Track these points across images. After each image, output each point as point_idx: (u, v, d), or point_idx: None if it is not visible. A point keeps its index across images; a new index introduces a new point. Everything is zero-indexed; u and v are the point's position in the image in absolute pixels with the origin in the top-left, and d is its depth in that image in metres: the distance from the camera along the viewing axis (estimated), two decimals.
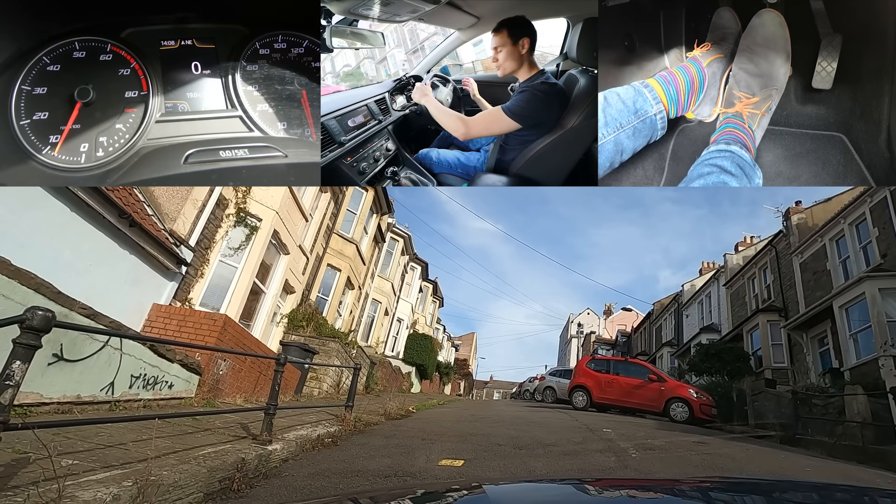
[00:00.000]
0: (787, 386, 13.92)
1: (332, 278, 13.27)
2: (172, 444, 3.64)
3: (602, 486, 1.27)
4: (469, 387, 42.08)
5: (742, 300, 20.64)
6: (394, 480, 3.89)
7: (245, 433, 4.49)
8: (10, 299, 3.45)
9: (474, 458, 4.76)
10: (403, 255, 22.44)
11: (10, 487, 2.16)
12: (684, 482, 1.40)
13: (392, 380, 18.32)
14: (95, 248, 5.40)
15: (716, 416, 12.08)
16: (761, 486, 1.33)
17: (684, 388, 12.40)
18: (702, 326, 23.47)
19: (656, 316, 32.22)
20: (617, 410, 12.45)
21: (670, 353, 26.22)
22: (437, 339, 30.39)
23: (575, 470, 4.41)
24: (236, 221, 7.93)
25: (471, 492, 1.21)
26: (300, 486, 3.60)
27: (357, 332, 16.23)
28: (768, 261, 18.80)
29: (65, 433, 3.26)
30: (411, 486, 1.88)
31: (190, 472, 3.01)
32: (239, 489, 3.34)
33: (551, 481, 1.49)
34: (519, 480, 1.52)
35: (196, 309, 6.93)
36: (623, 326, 43.08)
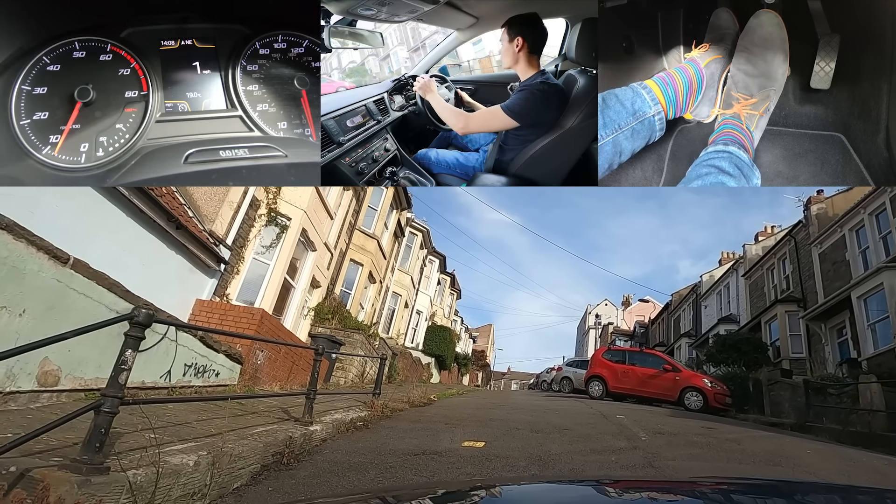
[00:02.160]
0: (804, 376, 14.00)
1: (354, 273, 13.78)
2: (229, 423, 4.11)
3: (621, 488, 1.26)
4: (487, 378, 42.54)
5: (761, 291, 20.59)
6: (422, 458, 4.30)
7: (287, 416, 4.97)
8: (88, 297, 3.94)
9: (494, 441, 5.15)
10: (422, 249, 22.89)
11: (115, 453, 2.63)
12: (703, 483, 1.38)
13: (413, 370, 18.86)
14: (146, 248, 5.92)
15: (730, 405, 12.27)
16: (780, 487, 1.32)
17: (699, 377, 12.63)
18: (720, 317, 23.46)
19: (674, 307, 32.15)
20: (633, 400, 12.72)
21: (688, 344, 26.25)
22: (454, 330, 30.87)
23: (587, 451, 4.77)
24: (268, 221, 8.43)
25: (487, 492, 1.22)
26: (340, 462, 4.04)
27: (379, 324, 16.78)
28: (787, 251, 18.73)
29: (139, 412, 3.77)
30: (429, 485, 1.95)
31: (249, 446, 3.46)
32: (288, 463, 3.79)
33: (570, 482, 1.47)
34: (536, 481, 1.53)
35: (234, 303, 7.46)
36: (641, 317, 42.95)
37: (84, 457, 2.16)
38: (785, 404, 12.10)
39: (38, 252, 3.43)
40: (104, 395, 2.26)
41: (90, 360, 4.04)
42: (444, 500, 1.17)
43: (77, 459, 2.17)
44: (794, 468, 4.48)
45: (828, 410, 9.87)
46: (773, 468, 4.44)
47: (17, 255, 3.28)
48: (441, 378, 25.55)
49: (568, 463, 4.20)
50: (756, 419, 10.84)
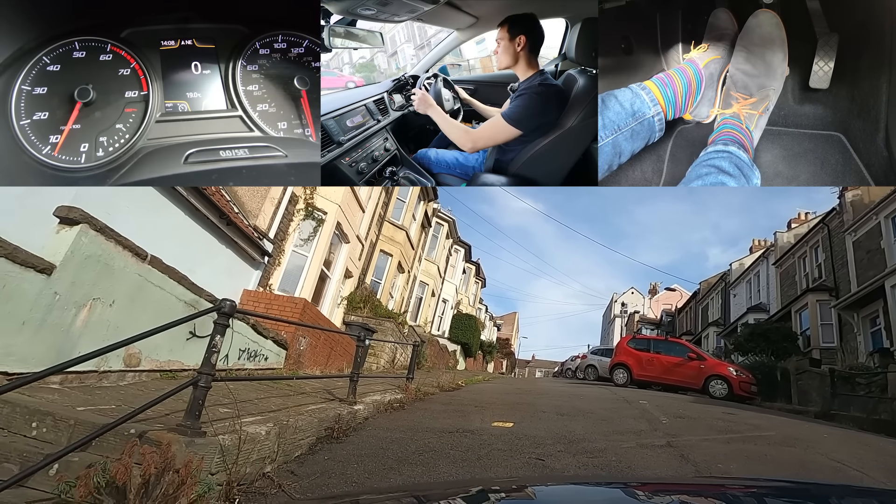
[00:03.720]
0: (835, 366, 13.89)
1: (384, 263, 14.30)
2: (284, 402, 4.61)
3: (650, 491, 1.26)
4: (511, 365, 42.93)
5: (792, 279, 20.27)
6: (456, 436, 4.72)
7: (332, 396, 5.45)
8: (162, 289, 4.45)
9: (521, 422, 5.53)
10: (448, 239, 23.29)
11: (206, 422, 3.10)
12: (733, 486, 1.37)
13: (440, 357, 19.38)
14: (201, 244, 6.47)
15: (756, 393, 12.32)
16: (811, 490, 1.30)
17: (724, 366, 12.70)
18: (749, 306, 23.18)
19: (703, 295, 31.79)
20: (658, 387, 12.89)
21: (716, 333, 26.03)
22: (479, 318, 31.30)
23: (610, 432, 5.10)
24: (305, 215, 8.93)
25: (517, 493, 1.23)
26: (383, 437, 4.49)
27: (407, 312, 17.31)
28: (820, 239, 18.38)
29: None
30: (460, 483, 2.00)
31: (306, 420, 3.93)
32: (338, 437, 4.25)
33: (597, 484, 1.46)
34: (565, 482, 1.55)
35: (277, 293, 8.01)
36: (668, 306, 42.50)
37: (187, 423, 2.63)
38: (813, 393, 12.09)
39: (123, 250, 3.94)
40: (200, 373, 2.73)
41: (163, 345, 4.57)
42: (477, 500, 1.19)
43: (181, 425, 2.64)
44: (807, 450, 4.72)
45: (855, 399, 9.89)
46: (786, 449, 4.69)
47: (108, 254, 3.79)
48: (466, 365, 26.05)
49: (591, 442, 4.54)
50: (781, 407, 10.91)
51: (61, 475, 2.11)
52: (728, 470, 3.69)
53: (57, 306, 3.46)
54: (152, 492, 2.17)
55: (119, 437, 2.54)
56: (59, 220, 3.51)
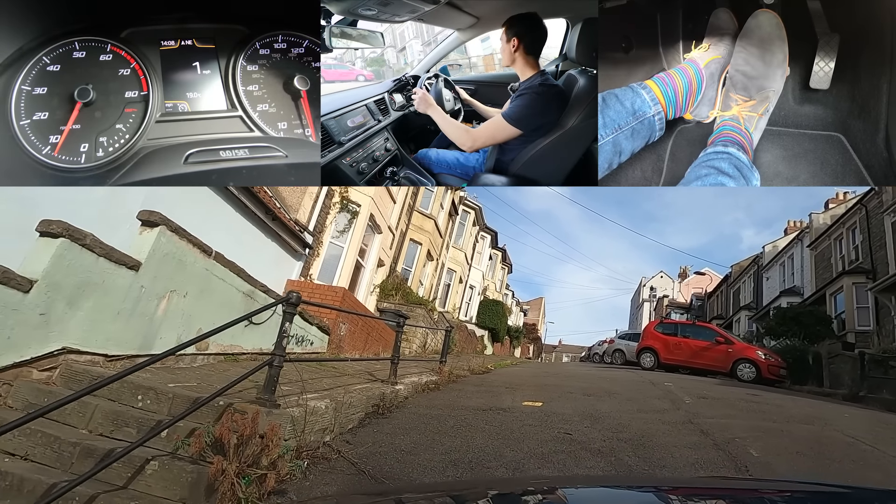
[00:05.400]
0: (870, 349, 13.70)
1: (414, 251, 14.78)
2: (334, 382, 5.10)
3: (683, 494, 1.26)
4: (538, 350, 43.19)
5: (827, 262, 19.82)
6: (490, 413, 5.12)
7: (374, 377, 5.93)
8: (224, 281, 4.97)
9: (550, 401, 5.90)
10: (474, 226, 23.61)
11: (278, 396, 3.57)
12: (767, 490, 1.37)
13: (468, 342, 19.87)
14: (250, 238, 7.02)
15: (785, 376, 12.31)
16: (853, 495, 1.32)
17: (752, 349, 12.71)
18: (782, 289, 22.77)
19: (734, 279, 31.25)
20: (686, 371, 12.98)
21: (748, 317, 25.66)
22: (506, 304, 31.63)
23: (634, 410, 5.43)
24: (341, 208, 9.42)
25: (548, 495, 1.24)
26: (423, 414, 4.93)
27: (436, 299, 17.81)
28: (857, 220, 17.90)
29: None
30: (492, 483, 1.97)
31: (356, 398, 4.40)
32: (383, 413, 4.71)
33: (628, 487, 1.45)
34: (595, 484, 1.54)
35: (317, 283, 8.55)
36: (699, 290, 41.86)
37: (264, 397, 3.11)
38: (845, 377, 12.01)
39: (193, 248, 4.45)
40: (273, 355, 3.19)
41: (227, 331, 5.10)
42: (507, 501, 1.19)
43: (260, 398, 3.12)
44: (825, 427, 4.94)
45: (888, 382, 9.86)
46: (804, 426, 4.92)
47: (181, 251, 4.30)
48: (494, 350, 26.48)
49: (616, 419, 4.88)
50: (810, 390, 10.94)
51: (177, 435, 2.60)
52: (744, 443, 3.98)
53: (143, 298, 4.00)
54: (244, 451, 2.64)
55: (209, 408, 3.03)
56: (142, 222, 4.03)
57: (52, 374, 3.36)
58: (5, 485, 2.30)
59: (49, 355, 3.35)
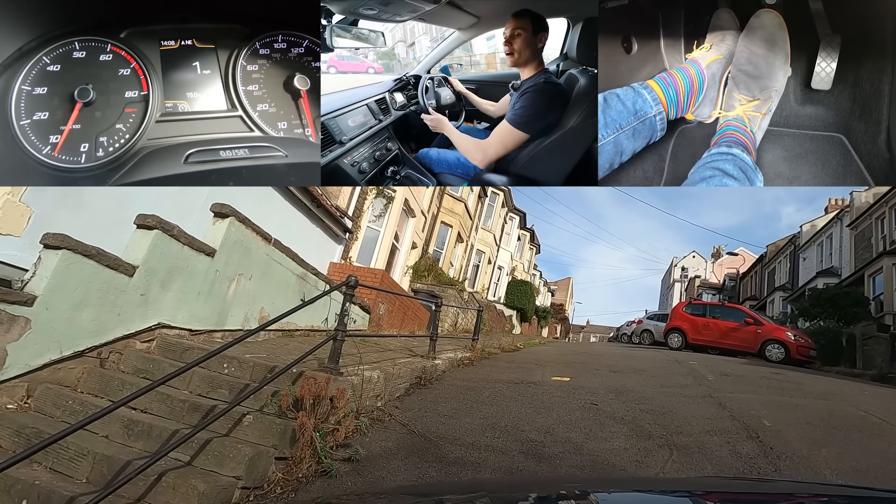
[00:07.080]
0: None
1: (445, 233, 15.24)
2: (380, 356, 5.64)
3: (718, 500, 1.26)
4: (566, 330, 43.38)
5: (867, 242, 19.27)
6: (521, 386, 5.58)
7: (414, 353, 6.46)
8: (281, 265, 5.53)
9: (577, 377, 6.32)
10: (503, 208, 23.87)
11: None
12: (801, 495, 1.36)
13: (497, 322, 20.37)
14: (297, 224, 7.59)
15: (814, 357, 12.30)
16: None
17: (781, 330, 12.71)
18: (819, 270, 22.27)
19: (769, 259, 30.58)
20: (715, 352, 13.03)
21: (783, 298, 25.21)
22: (534, 284, 31.90)
23: (657, 385, 5.79)
24: (377, 194, 9.91)
25: (581, 499, 1.25)
26: (460, 385, 5.42)
27: (466, 280, 18.31)
28: None
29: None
30: (523, 484, 1.96)
31: (401, 370, 4.91)
32: (425, 384, 5.22)
33: (661, 492, 1.43)
34: (626, 489, 1.49)
35: (356, 265, 9.12)
36: (732, 271, 41.02)
37: (330, 366, 3.63)
38: (878, 359, 11.96)
39: (256, 236, 5.00)
40: (337, 330, 3.70)
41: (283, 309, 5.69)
42: (536, 502, 1.20)
43: (326, 367, 3.64)
44: (840, 402, 5.20)
45: None
46: (819, 401, 5.19)
47: (248, 239, 4.86)
48: (522, 330, 26.91)
49: (639, 392, 5.27)
50: (840, 371, 10.97)
51: (266, 394, 3.15)
52: (758, 414, 4.32)
53: (217, 280, 4.58)
54: (318, 409, 3.17)
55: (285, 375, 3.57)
56: (214, 214, 4.58)
57: (150, 345, 3.97)
58: (139, 430, 2.89)
59: (148, 329, 3.96)
